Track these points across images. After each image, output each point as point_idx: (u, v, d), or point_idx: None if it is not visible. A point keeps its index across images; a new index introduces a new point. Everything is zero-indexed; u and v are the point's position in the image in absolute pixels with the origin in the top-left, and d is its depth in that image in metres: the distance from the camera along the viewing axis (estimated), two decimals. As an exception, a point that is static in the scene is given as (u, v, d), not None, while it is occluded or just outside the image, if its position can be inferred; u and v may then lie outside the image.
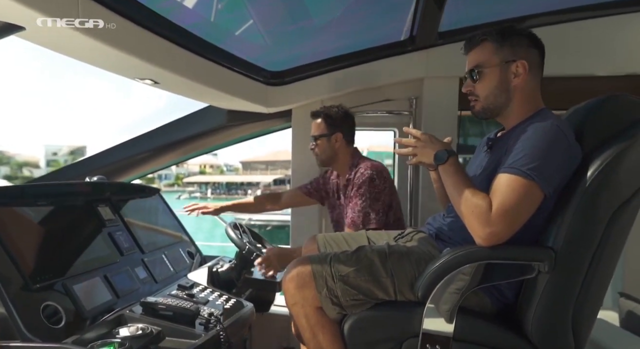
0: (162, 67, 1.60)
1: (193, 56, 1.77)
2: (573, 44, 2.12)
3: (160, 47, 1.58)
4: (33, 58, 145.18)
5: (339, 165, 1.98)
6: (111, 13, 1.34)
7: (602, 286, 1.09)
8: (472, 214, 1.03)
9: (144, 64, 1.54)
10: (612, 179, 1.02)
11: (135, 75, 1.70)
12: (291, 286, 1.14)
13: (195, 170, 60.64)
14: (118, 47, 1.39)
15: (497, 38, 1.21)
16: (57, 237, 1.44)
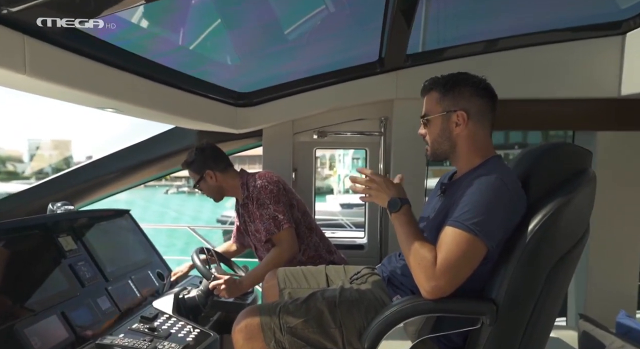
0: (122, 99, 1.58)
1: (155, 85, 1.74)
2: (539, 67, 2.14)
3: (118, 80, 1.56)
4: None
5: (231, 192, 2.04)
6: (62, 51, 1.31)
7: (543, 334, 1.11)
8: (418, 267, 1.05)
9: (102, 98, 1.52)
10: (551, 233, 1.03)
11: (96, 106, 1.67)
12: (240, 337, 1.15)
13: (183, 163, 59.78)
14: (73, 86, 1.36)
15: (441, 88, 1.24)
16: (10, 276, 1.42)
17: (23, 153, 45.46)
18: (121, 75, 1.58)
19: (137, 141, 2.36)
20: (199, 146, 2.02)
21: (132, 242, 2.19)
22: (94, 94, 1.46)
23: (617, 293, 2.19)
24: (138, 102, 1.66)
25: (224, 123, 2.15)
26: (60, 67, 1.30)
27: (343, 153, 8.73)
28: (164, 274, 2.18)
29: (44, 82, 1.24)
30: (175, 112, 1.86)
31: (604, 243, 2.21)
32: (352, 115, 2.34)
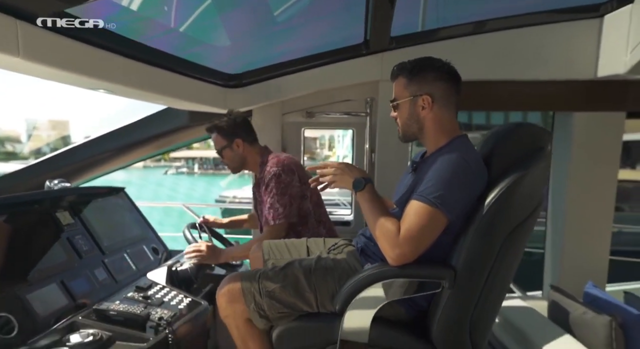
0: (113, 81, 1.65)
1: (146, 67, 1.81)
2: (520, 49, 2.20)
3: (110, 62, 1.62)
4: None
5: (251, 166, 2.06)
6: (54, 35, 1.38)
7: (497, 299, 1.22)
8: (383, 237, 1.15)
9: (94, 80, 1.59)
10: (506, 206, 1.13)
11: (88, 87, 1.75)
12: (223, 300, 1.26)
13: (183, 145, 59.75)
14: (66, 68, 1.43)
15: (407, 74, 1.32)
16: (12, 247, 1.52)
17: (21, 133, 45.38)
18: (112, 57, 1.65)
19: (132, 121, 2.44)
20: (232, 113, 2.02)
21: (128, 219, 2.29)
22: (86, 76, 1.53)
23: (589, 266, 2.30)
24: (129, 83, 1.73)
25: (214, 104, 2.23)
26: (53, 50, 1.37)
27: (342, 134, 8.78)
28: (158, 249, 2.29)
29: (37, 64, 1.31)
30: (166, 93, 1.93)
31: (578, 220, 2.32)
32: (339, 96, 2.40)
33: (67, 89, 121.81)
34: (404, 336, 1.22)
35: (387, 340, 1.21)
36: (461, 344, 1.18)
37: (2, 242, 1.50)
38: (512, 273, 1.26)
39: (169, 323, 1.49)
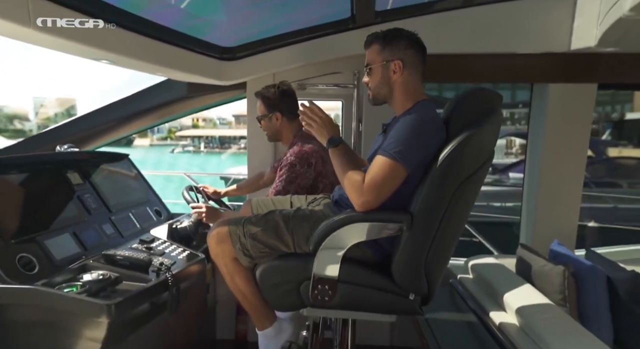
0: (115, 52, 1.81)
1: (146, 39, 1.96)
2: (499, 23, 2.32)
3: (112, 34, 1.78)
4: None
5: (284, 140, 2.21)
6: (63, 9, 1.53)
7: (450, 243, 1.40)
8: (350, 187, 1.32)
9: (98, 50, 1.75)
10: (458, 159, 1.29)
11: (92, 57, 1.90)
12: (212, 241, 1.46)
13: (188, 123, 60.09)
14: (72, 39, 1.59)
15: (381, 41, 1.46)
16: (31, 201, 1.72)
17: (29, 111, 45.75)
18: (115, 30, 1.80)
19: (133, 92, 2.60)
20: (282, 86, 2.11)
21: (132, 183, 2.48)
22: (91, 47, 1.69)
23: (559, 229, 2.48)
24: (130, 54, 1.89)
25: (210, 75, 2.38)
26: (65, 24, 1.53)
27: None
28: (161, 212, 2.49)
29: (47, 35, 1.47)
30: (164, 65, 2.08)
31: (551, 186, 2.48)
32: (328, 68, 2.54)
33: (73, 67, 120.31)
34: (369, 273, 1.40)
35: (355, 277, 1.40)
36: (417, 279, 1.36)
37: (22, 196, 1.70)
38: (463, 221, 1.43)
39: (169, 268, 1.69)
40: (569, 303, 1.85)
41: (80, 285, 1.45)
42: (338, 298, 1.39)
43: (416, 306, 1.40)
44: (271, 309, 1.60)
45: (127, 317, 1.47)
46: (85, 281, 1.48)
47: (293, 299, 1.42)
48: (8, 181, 1.69)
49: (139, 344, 1.66)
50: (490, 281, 2.09)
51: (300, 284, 1.41)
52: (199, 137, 47.35)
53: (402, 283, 1.38)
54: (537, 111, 2.53)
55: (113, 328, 1.39)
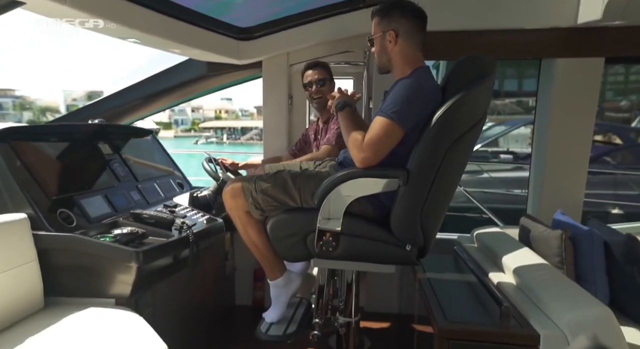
0: (142, 30, 1.97)
1: (169, 19, 2.12)
2: (505, 0, 2.37)
3: (139, 14, 1.94)
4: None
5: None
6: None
7: (443, 199, 1.50)
8: (352, 145, 1.45)
9: (126, 29, 1.91)
10: (451, 118, 1.39)
11: (120, 36, 2.07)
12: (227, 196, 1.61)
13: (211, 115, 61.15)
14: (104, 17, 1.76)
15: (379, 14, 1.58)
16: (68, 165, 1.91)
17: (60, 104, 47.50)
18: (142, 10, 1.96)
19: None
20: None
21: (157, 158, 2.67)
22: (120, 25, 1.86)
23: (565, 201, 2.53)
24: (154, 33, 2.05)
25: (228, 54, 2.52)
26: (97, 3, 1.70)
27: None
28: (183, 184, 2.67)
29: (80, 11, 1.64)
30: (185, 43, 2.24)
31: (557, 159, 2.54)
32: (340, 47, 2.65)
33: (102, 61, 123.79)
34: (370, 226, 1.53)
35: (357, 229, 1.52)
36: (413, 231, 1.48)
37: (61, 160, 1.90)
38: (457, 177, 1.54)
39: (190, 227, 1.86)
40: (566, 265, 1.93)
41: (112, 236, 1.63)
42: (341, 249, 1.52)
43: (413, 257, 1.52)
44: (281, 261, 1.75)
45: (152, 265, 1.64)
46: (116, 233, 1.66)
47: (300, 250, 1.56)
48: (48, 147, 1.88)
49: (163, 293, 1.84)
50: (492, 247, 2.18)
51: (307, 236, 1.54)
52: (221, 129, 48.12)
53: (400, 234, 1.50)
54: (545, 86, 2.57)
55: (141, 273, 1.57)
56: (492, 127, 9.62)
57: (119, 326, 1.45)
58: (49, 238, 1.56)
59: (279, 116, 2.56)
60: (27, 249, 1.52)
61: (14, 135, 1.70)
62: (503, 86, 12.31)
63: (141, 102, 2.86)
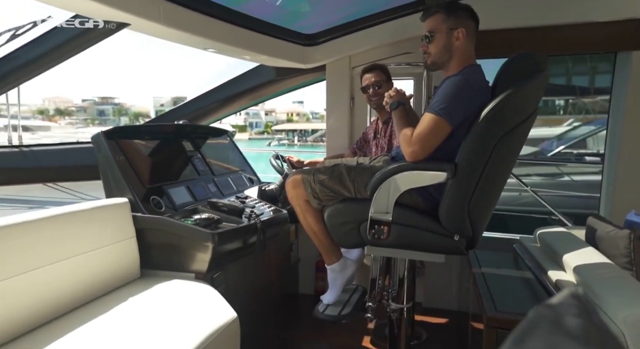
0: (219, 41, 2.25)
1: (243, 30, 2.38)
2: None
3: (217, 27, 2.22)
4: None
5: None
6: (183, 9, 1.99)
7: (492, 192, 1.55)
8: (402, 140, 1.56)
9: (207, 40, 2.20)
10: (500, 113, 1.44)
11: (202, 47, 2.37)
12: (289, 187, 1.80)
13: (283, 118, 63.32)
14: (190, 32, 2.05)
15: (444, 10, 1.64)
16: (159, 160, 2.24)
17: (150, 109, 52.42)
18: (220, 24, 2.24)
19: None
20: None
21: (231, 155, 2.96)
22: (202, 38, 2.14)
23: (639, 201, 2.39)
24: (230, 43, 2.32)
25: (294, 60, 2.74)
26: (182, 19, 1.99)
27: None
28: (253, 180, 2.93)
29: (170, 29, 1.93)
30: (255, 50, 2.49)
31: (632, 157, 2.40)
32: (400, 49, 2.74)
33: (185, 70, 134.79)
34: (419, 216, 1.62)
35: (406, 219, 1.63)
36: (461, 222, 1.55)
37: (154, 156, 2.23)
38: (506, 172, 1.57)
39: (258, 216, 2.09)
40: (635, 266, 1.85)
41: (193, 220, 1.89)
42: (392, 237, 1.63)
43: (461, 247, 1.59)
44: (337, 247, 1.90)
45: (225, 247, 1.88)
46: (196, 218, 1.92)
47: (354, 237, 1.70)
48: (143, 144, 2.22)
49: (235, 274, 2.08)
50: (553, 246, 2.14)
51: (360, 224, 1.68)
52: (293, 131, 49.60)
53: (448, 225, 1.57)
54: (620, 81, 2.45)
55: (215, 252, 1.81)
56: (579, 127, 8.96)
57: (198, 297, 1.70)
58: (144, 219, 1.86)
59: (341, 117, 2.71)
60: (127, 227, 1.84)
61: (118, 134, 2.04)
62: (594, 82, 11.33)
63: (218, 105, 3.19)
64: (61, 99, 69.59)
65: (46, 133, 24.19)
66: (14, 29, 2.08)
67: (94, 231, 1.69)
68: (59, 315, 1.49)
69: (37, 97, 64.18)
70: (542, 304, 0.54)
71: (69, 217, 1.59)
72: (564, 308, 0.55)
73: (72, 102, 68.21)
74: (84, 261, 1.61)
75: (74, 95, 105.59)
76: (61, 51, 2.19)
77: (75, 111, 63.78)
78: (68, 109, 64.09)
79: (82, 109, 64.53)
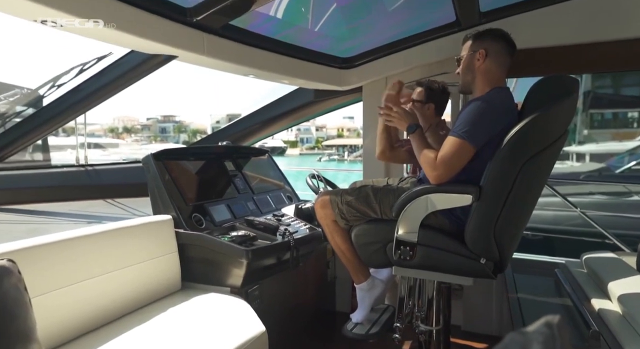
0: (258, 68, 2.40)
1: (281, 57, 2.52)
2: (618, 8, 2.22)
3: (256, 55, 2.37)
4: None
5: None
6: (224, 39, 2.16)
7: (520, 215, 1.52)
8: (425, 163, 1.58)
9: (246, 68, 2.36)
10: (523, 139, 1.43)
11: (242, 74, 2.54)
12: (318, 206, 1.87)
13: (334, 133, 63.96)
14: (231, 61, 2.21)
15: (472, 37, 1.69)
16: (202, 179, 2.41)
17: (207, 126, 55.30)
18: (259, 52, 2.39)
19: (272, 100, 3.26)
20: (446, 86, 2.32)
21: (271, 174, 3.09)
22: (242, 66, 2.30)
23: None
24: (269, 69, 2.46)
25: (332, 82, 2.84)
26: (224, 49, 2.16)
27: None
28: (292, 198, 3.04)
29: (213, 59, 2.11)
30: (295, 76, 2.62)
31: None
32: (436, 70, 2.75)
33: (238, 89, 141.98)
34: (445, 238, 1.63)
35: (432, 241, 1.64)
36: (487, 245, 1.53)
37: (196, 175, 2.40)
38: (535, 194, 1.54)
39: (291, 233, 2.17)
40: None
41: (229, 237, 2.01)
42: (418, 259, 1.65)
43: (488, 270, 1.57)
44: (365, 267, 1.94)
45: (259, 263, 1.98)
46: (232, 235, 2.04)
47: (381, 257, 1.73)
48: (188, 164, 2.40)
49: (269, 290, 2.17)
50: (599, 272, 2.03)
51: (387, 244, 1.71)
52: (343, 146, 49.94)
53: (474, 247, 1.57)
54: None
55: (249, 268, 1.91)
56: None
57: (230, 310, 1.80)
58: (186, 235, 2.00)
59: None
60: (170, 242, 1.99)
61: (165, 155, 2.22)
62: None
63: (260, 126, 3.36)
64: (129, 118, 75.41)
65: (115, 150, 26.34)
66: (81, 64, 2.37)
67: (141, 246, 1.86)
68: (107, 322, 1.65)
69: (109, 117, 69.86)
70: (518, 331, 0.58)
71: (118, 232, 1.76)
72: (534, 336, 0.58)
73: (138, 121, 73.71)
74: (130, 273, 1.78)
75: (139, 114, 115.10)
76: (121, 81, 2.44)
77: (140, 129, 68.81)
78: (134, 127, 69.37)
79: (147, 127, 69.53)
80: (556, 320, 0.61)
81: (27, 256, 1.37)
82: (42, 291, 1.41)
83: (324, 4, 2.64)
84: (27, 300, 1.10)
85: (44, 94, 2.68)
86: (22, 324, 1.04)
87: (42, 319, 1.25)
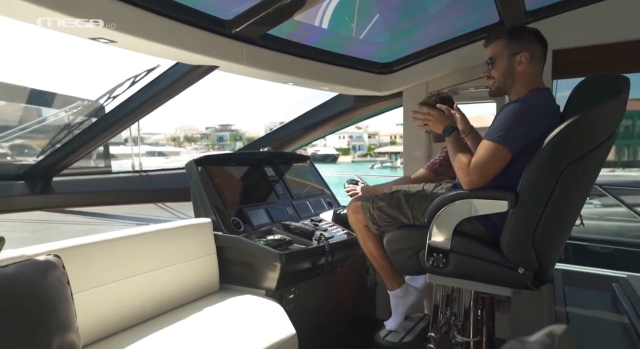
0: (297, 75, 2.45)
1: (318, 64, 2.56)
2: None
3: (294, 63, 2.42)
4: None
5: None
6: (263, 49, 2.23)
7: (561, 223, 1.42)
8: (459, 168, 1.53)
9: (285, 76, 2.42)
10: (562, 142, 1.34)
11: (281, 82, 2.60)
12: (349, 211, 1.86)
13: (386, 140, 63.32)
14: (269, 69, 2.28)
15: (506, 35, 1.60)
16: (242, 184, 2.49)
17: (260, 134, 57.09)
18: (297, 60, 2.45)
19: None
20: (441, 94, 2.41)
21: (312, 179, 3.13)
22: (281, 74, 2.36)
23: None
24: (308, 77, 2.51)
25: (371, 88, 2.83)
26: (262, 59, 2.23)
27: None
28: (332, 203, 3.05)
29: (253, 68, 2.18)
30: (335, 83, 2.64)
31: None
32: (478, 73, 2.64)
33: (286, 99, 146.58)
34: (480, 245, 1.55)
35: (466, 248, 1.57)
36: (525, 254, 1.44)
37: (237, 180, 2.48)
38: (579, 201, 1.44)
39: (327, 239, 2.18)
40: None
41: (265, 240, 2.06)
42: (451, 266, 1.59)
43: (527, 281, 1.48)
44: (399, 273, 1.90)
45: (293, 267, 2.00)
46: (269, 238, 2.09)
47: (413, 264, 1.69)
48: (228, 170, 2.49)
49: (304, 292, 2.19)
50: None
51: (419, 251, 1.67)
52: (395, 154, 49.27)
53: (511, 256, 1.49)
54: None
55: (283, 272, 1.94)
56: None
57: (264, 312, 1.84)
58: (224, 238, 2.08)
59: (417, 143, 2.71)
60: (209, 245, 2.08)
61: (207, 161, 2.32)
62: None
63: (302, 132, 3.41)
64: (189, 127, 79.78)
65: (177, 157, 27.96)
66: (133, 77, 2.55)
67: (181, 247, 1.95)
68: (145, 319, 1.75)
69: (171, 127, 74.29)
70: (517, 339, 0.55)
71: (159, 234, 1.87)
72: (533, 346, 0.55)
73: (198, 130, 77.69)
74: (170, 273, 1.87)
75: (199, 123, 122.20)
76: (169, 91, 2.60)
77: (199, 138, 72.49)
78: (194, 136, 73.19)
79: (205, 136, 73.16)
80: (561, 330, 0.57)
81: (73, 253, 1.49)
82: (85, 287, 1.52)
83: (367, 12, 2.64)
84: (70, 294, 1.20)
85: (104, 104, 2.92)
86: (63, 316, 1.13)
87: (83, 314, 1.35)
